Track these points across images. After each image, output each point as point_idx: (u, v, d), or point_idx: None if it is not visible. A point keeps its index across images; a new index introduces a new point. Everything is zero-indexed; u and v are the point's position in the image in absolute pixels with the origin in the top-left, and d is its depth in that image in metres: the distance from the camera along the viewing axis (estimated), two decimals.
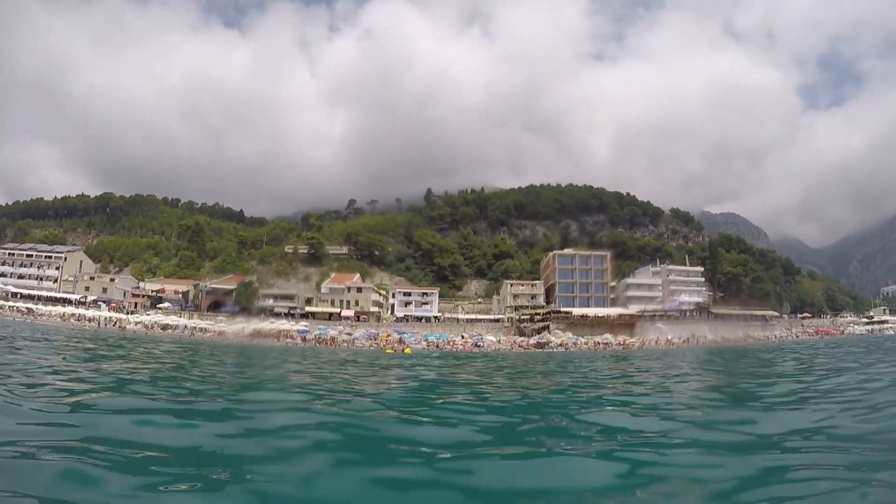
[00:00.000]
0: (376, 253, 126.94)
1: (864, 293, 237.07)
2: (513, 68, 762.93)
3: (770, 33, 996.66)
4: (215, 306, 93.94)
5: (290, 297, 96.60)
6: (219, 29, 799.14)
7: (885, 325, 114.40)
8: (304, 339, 71.41)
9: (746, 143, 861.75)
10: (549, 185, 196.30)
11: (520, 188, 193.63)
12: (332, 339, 72.11)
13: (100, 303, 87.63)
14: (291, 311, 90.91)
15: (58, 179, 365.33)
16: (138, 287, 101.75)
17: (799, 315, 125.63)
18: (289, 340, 70.08)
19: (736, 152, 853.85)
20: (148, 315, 79.32)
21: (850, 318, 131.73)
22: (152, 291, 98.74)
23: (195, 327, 74.06)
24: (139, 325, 72.45)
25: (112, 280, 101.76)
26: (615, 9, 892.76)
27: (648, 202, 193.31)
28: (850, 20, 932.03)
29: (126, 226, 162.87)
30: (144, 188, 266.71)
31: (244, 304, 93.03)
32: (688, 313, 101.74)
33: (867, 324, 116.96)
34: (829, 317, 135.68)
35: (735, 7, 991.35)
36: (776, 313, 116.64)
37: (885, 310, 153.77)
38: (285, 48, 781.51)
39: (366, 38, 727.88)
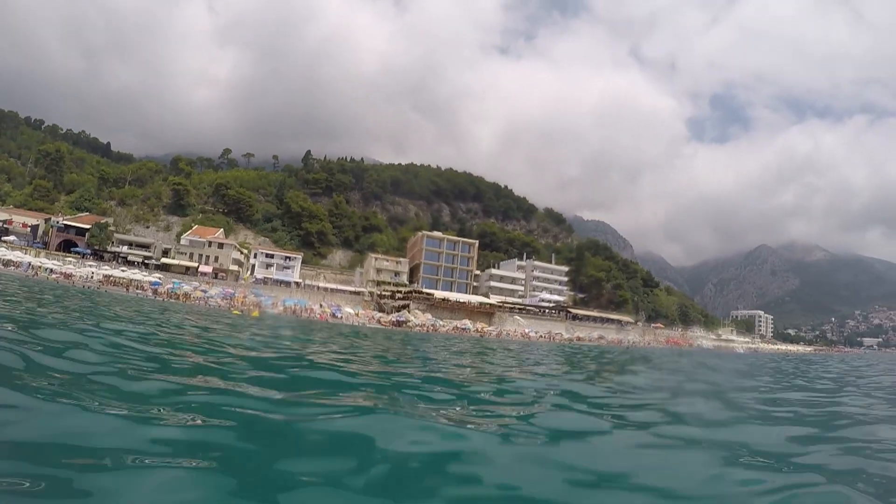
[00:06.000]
0: (244, 210, 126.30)
1: (715, 313, 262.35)
2: (415, 45, 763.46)
3: (673, 65, 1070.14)
4: (66, 246, 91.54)
5: (146, 247, 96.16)
6: None
7: (733, 343, 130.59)
8: (154, 292, 70.75)
9: (627, 160, 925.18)
10: (428, 165, 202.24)
11: (399, 164, 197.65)
12: (186, 294, 71.27)
13: None
14: (146, 261, 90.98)
15: None
16: None
17: (652, 325, 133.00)
18: (139, 292, 68.65)
19: (615, 166, 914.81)
20: None
21: (699, 332, 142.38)
22: None
23: (41, 266, 71.63)
24: None
25: None
26: (532, 8, 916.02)
27: (524, 198, 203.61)
28: (750, 70, 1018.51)
29: None
30: (5, 103, 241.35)
31: (97, 247, 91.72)
32: (547, 311, 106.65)
33: (715, 340, 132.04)
34: (679, 329, 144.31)
35: (646, 33, 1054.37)
36: (631, 320, 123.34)
37: (732, 330, 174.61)
38: None
39: None
